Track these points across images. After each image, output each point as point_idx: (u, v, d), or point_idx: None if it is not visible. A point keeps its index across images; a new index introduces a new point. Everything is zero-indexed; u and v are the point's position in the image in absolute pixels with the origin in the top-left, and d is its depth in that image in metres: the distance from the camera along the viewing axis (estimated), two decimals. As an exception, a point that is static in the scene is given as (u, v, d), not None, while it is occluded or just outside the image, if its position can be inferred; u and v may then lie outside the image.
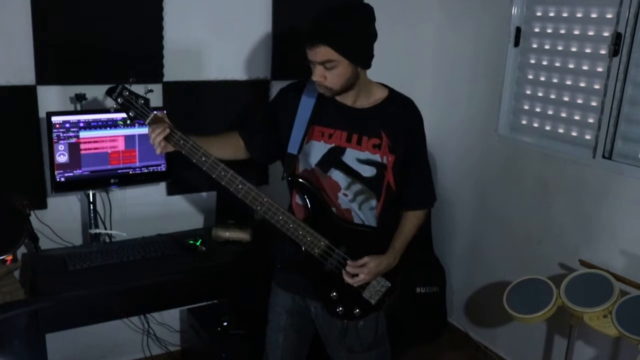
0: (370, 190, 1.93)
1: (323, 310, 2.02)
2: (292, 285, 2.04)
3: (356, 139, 1.91)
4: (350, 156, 1.91)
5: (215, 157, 1.85)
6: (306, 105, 1.95)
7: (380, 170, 1.92)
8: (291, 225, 1.89)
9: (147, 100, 1.84)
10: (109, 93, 1.83)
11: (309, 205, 1.93)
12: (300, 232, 1.89)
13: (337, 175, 1.92)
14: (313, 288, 1.98)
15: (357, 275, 1.90)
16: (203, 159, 1.84)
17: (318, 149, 1.92)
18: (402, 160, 1.95)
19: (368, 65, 1.89)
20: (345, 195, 1.93)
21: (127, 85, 1.82)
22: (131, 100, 1.82)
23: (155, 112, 1.85)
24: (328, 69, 1.80)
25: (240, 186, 1.85)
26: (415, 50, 3.38)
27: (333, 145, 1.92)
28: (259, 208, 1.87)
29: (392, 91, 1.99)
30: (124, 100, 1.82)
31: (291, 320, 2.07)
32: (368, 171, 1.92)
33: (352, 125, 1.92)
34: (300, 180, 1.93)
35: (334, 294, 1.95)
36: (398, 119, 1.94)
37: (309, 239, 1.90)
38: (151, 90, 1.85)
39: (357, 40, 1.81)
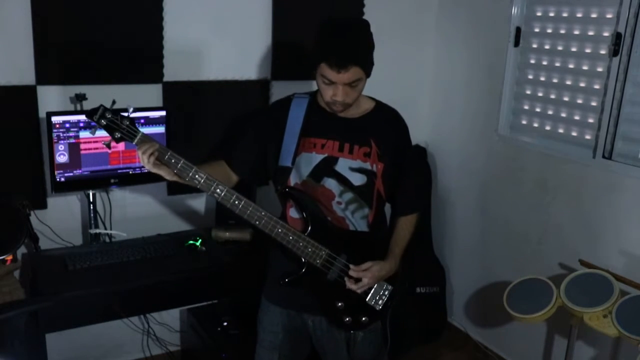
0: (361, 199, 1.94)
1: (322, 324, 2.00)
2: (287, 301, 2.00)
3: (348, 148, 1.92)
4: (343, 165, 1.91)
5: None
6: (295, 118, 1.94)
7: (371, 178, 1.93)
8: (291, 238, 1.86)
9: (132, 120, 1.75)
10: (89, 116, 1.73)
11: (306, 216, 1.91)
12: (301, 244, 1.87)
13: (330, 184, 1.92)
14: (317, 301, 1.96)
15: (360, 280, 1.89)
16: (196, 176, 1.78)
17: (311, 160, 1.92)
18: (391, 168, 1.96)
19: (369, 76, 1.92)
20: (339, 203, 1.93)
21: (108, 106, 1.74)
22: (115, 121, 1.73)
23: (141, 131, 1.76)
24: (352, 87, 1.82)
25: (236, 202, 1.81)
26: (415, 50, 3.38)
27: (326, 155, 1.92)
28: (257, 223, 1.84)
29: (378, 102, 2.01)
30: (108, 122, 1.73)
31: (287, 338, 2.04)
32: (359, 179, 1.92)
33: (343, 134, 1.92)
34: (296, 191, 1.92)
35: (340, 304, 1.93)
36: (386, 128, 1.97)
37: (309, 249, 1.88)
38: (134, 110, 1.77)
39: (371, 55, 1.85)
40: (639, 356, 2.20)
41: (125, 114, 1.75)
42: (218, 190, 1.80)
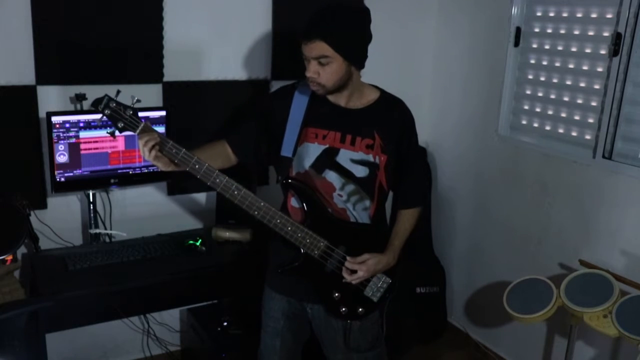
0: (363, 190, 1.94)
1: (320, 312, 2.02)
2: (288, 289, 2.03)
3: (350, 140, 1.92)
4: (344, 157, 1.92)
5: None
6: (298, 108, 1.95)
7: (373, 170, 1.94)
8: (289, 228, 1.88)
9: (135, 111, 1.78)
10: (94, 105, 1.77)
11: (306, 207, 1.92)
12: (299, 235, 1.89)
13: (331, 176, 1.93)
14: (314, 290, 1.98)
15: (355, 272, 1.91)
16: (197, 166, 1.80)
17: (312, 151, 1.93)
18: (394, 160, 1.97)
19: (362, 66, 1.90)
20: (340, 195, 1.94)
21: (112, 96, 1.77)
22: (119, 111, 1.76)
23: (144, 121, 1.80)
24: (322, 65, 1.81)
25: (235, 192, 1.83)
26: (415, 50, 3.38)
27: (327, 146, 1.92)
28: (256, 213, 1.86)
29: (383, 92, 2.00)
30: (112, 112, 1.76)
31: (288, 324, 2.07)
32: (361, 171, 1.93)
33: (345, 125, 1.92)
34: (297, 182, 1.93)
35: (337, 294, 1.95)
36: (391, 119, 1.96)
37: (307, 240, 1.89)
38: (139, 100, 1.80)
39: (352, 38, 1.83)
40: (639, 356, 2.20)
41: (129, 104, 1.78)
42: (218, 180, 1.82)
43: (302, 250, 1.91)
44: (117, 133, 1.82)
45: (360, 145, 1.92)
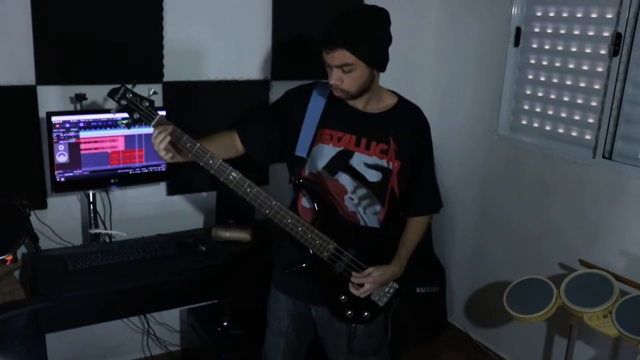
0: (374, 195, 1.93)
1: (325, 314, 2.01)
2: (294, 290, 2.03)
3: (365, 144, 1.91)
4: (358, 160, 1.91)
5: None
6: (315, 108, 1.94)
7: (386, 175, 1.93)
8: (300, 229, 1.87)
9: (151, 102, 1.77)
10: (111, 95, 1.76)
11: (317, 208, 1.91)
12: (309, 235, 1.88)
13: (344, 179, 1.92)
14: (321, 292, 1.97)
15: (362, 285, 1.91)
16: (210, 161, 1.79)
17: (326, 152, 1.92)
18: (407, 167, 1.95)
19: (383, 69, 1.89)
20: (351, 199, 1.93)
21: (129, 87, 1.76)
22: (135, 102, 1.75)
23: (159, 114, 1.78)
24: (345, 72, 1.80)
25: (248, 190, 1.82)
26: (415, 50, 3.38)
27: (342, 148, 1.91)
28: (267, 211, 1.84)
29: (401, 98, 2.00)
30: (128, 102, 1.75)
31: (293, 325, 2.07)
32: (374, 176, 1.92)
33: (361, 129, 1.92)
34: (309, 182, 1.92)
35: (343, 297, 1.95)
36: (406, 126, 1.95)
37: (317, 242, 1.89)
38: (155, 92, 1.79)
39: (374, 43, 1.81)
40: (639, 356, 2.20)
41: (146, 96, 1.77)
42: (231, 176, 1.81)
43: (311, 252, 1.91)
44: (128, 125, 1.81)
45: (375, 149, 1.91)
